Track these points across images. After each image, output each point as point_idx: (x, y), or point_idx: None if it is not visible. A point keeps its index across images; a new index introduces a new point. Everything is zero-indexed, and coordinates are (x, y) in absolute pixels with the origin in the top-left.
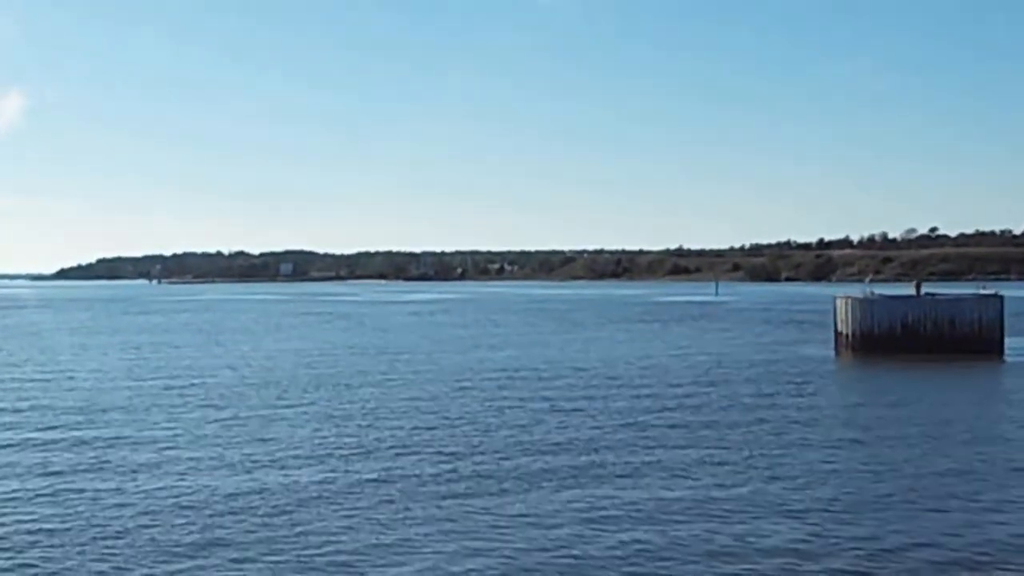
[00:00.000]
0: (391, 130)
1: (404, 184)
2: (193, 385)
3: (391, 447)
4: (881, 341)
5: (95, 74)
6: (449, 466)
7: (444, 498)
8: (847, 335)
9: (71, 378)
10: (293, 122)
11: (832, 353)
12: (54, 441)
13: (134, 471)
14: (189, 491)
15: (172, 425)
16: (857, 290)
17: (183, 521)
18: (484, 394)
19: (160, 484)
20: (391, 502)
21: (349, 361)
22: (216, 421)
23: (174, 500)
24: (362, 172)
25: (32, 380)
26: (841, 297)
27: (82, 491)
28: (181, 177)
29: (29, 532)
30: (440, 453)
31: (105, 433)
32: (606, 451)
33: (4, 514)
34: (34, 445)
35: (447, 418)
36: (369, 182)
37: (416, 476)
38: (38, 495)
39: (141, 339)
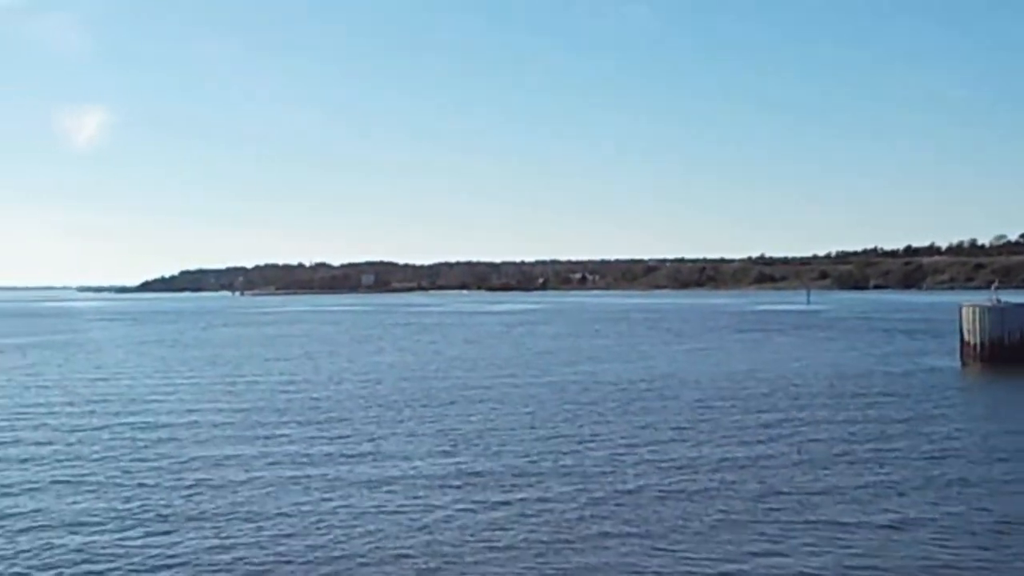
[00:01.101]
0: (471, 142)
1: (483, 194)
2: (297, 400)
3: (528, 471)
4: (1013, 351)
5: (174, 88)
6: (600, 491)
7: (604, 527)
8: (975, 345)
9: (172, 394)
10: (373, 134)
11: (958, 364)
12: (154, 460)
13: (255, 489)
14: (314, 511)
15: (284, 442)
16: (968, 298)
17: (315, 542)
18: (602, 409)
19: (284, 501)
20: (544, 528)
21: (450, 374)
22: (327, 438)
23: (302, 519)
24: (442, 182)
25: (131, 397)
26: (968, 305)
27: (204, 513)
28: (263, 189)
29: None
30: (588, 477)
31: (220, 452)
32: (770, 473)
33: (130, 540)
34: (138, 461)
35: (573, 436)
36: (449, 192)
37: (568, 501)
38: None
39: (233, 353)
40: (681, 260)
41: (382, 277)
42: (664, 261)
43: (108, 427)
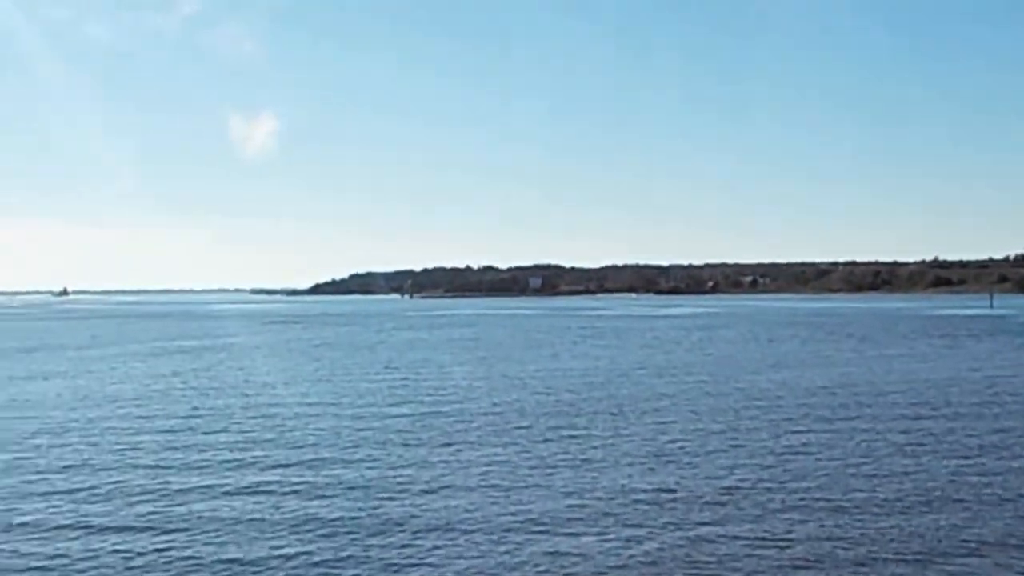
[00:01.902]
0: (638, 149)
1: (649, 198)
2: (481, 408)
3: (740, 487)
4: None
5: (340, 96)
6: (832, 507)
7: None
8: None
9: (358, 399)
10: (537, 143)
11: None
12: (363, 464)
13: (449, 498)
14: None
15: (472, 448)
16: None
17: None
18: (804, 418)
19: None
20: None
21: (636, 381)
22: (520, 447)
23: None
24: (606, 186)
25: (312, 401)
26: None
27: (433, 522)
28: (430, 194)
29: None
30: (815, 495)
31: (421, 456)
32: None
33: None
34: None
35: (783, 449)
36: (615, 195)
37: (795, 525)
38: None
39: (412, 356)
40: (853, 263)
41: (549, 280)
42: (836, 264)
43: (303, 431)
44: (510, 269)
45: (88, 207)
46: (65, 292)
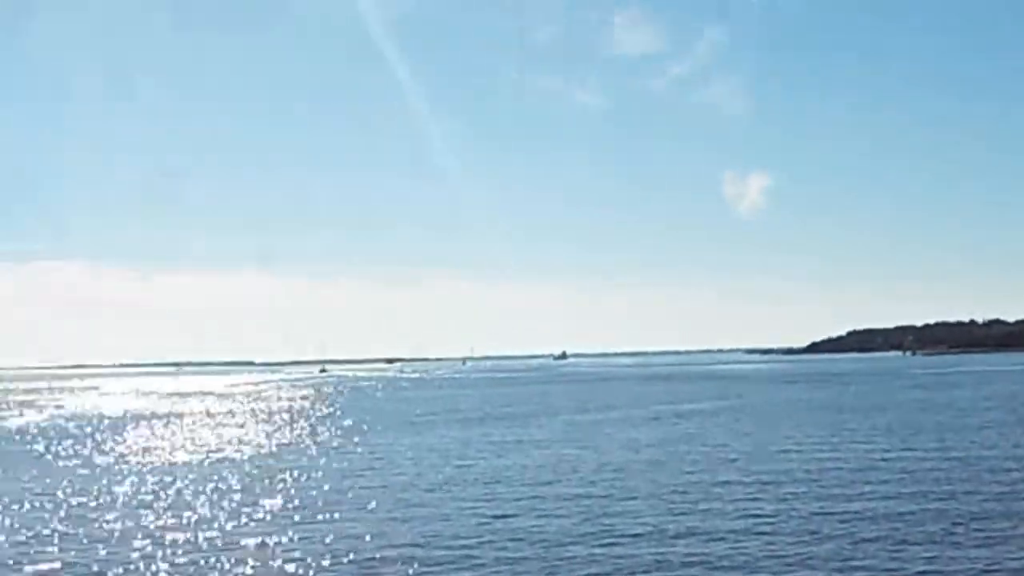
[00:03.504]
0: None
1: None
2: None
3: None
4: None
5: (830, 149)
6: None
7: None
8: None
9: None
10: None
11: None
12: None
13: None
14: None
15: None
16: None
17: None
18: None
19: None
20: None
21: None
22: None
23: None
24: None
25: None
26: None
27: None
28: (918, 246)
29: None
30: None
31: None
32: None
33: None
34: None
35: None
36: None
37: None
38: None
39: (923, 419)
40: None
41: None
42: None
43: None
44: (1018, 322)
45: (587, 271)
46: (564, 355)
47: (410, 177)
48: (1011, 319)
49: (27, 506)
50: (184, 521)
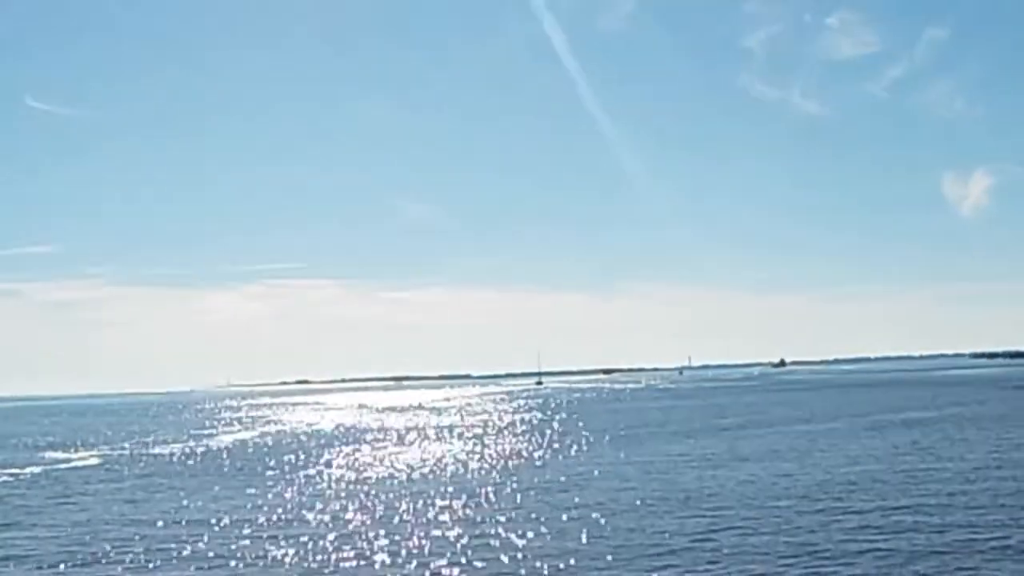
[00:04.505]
0: None
1: None
2: None
3: None
4: None
5: None
6: None
7: None
8: None
9: None
10: None
11: None
12: None
13: None
14: None
15: None
16: None
17: None
18: None
19: None
20: None
21: None
22: None
23: None
24: None
25: None
26: None
27: None
28: None
29: None
30: None
31: None
32: None
33: None
34: None
35: None
36: None
37: None
38: None
39: None
40: None
41: None
42: None
43: None
44: None
45: (808, 275)
46: (783, 363)
47: (617, 189)
48: None
49: (224, 522)
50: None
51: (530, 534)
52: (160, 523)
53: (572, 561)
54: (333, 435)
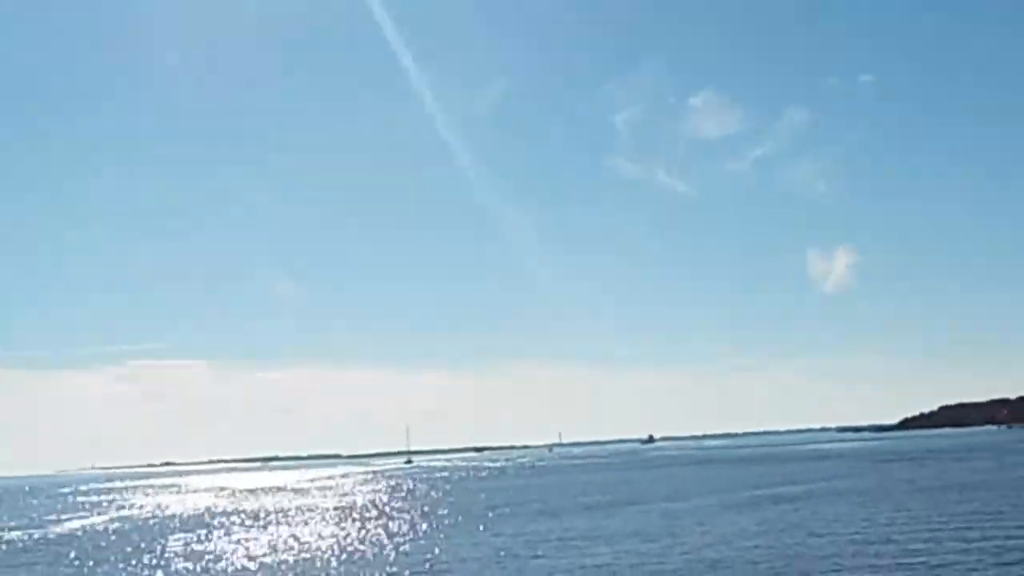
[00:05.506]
0: None
1: None
2: None
3: None
4: None
5: (918, 227)
6: None
7: None
8: None
9: None
10: None
11: None
12: None
13: None
14: None
15: None
16: None
17: None
18: None
19: None
20: None
21: None
22: None
23: None
24: None
25: None
26: None
27: None
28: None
29: None
30: None
31: None
32: None
33: None
34: None
35: None
36: None
37: None
38: None
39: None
40: None
41: None
42: None
43: None
44: None
45: (675, 352)
46: (651, 439)
47: (491, 267)
48: None
49: None
50: None
51: None
52: None
53: None
54: (182, 520)
